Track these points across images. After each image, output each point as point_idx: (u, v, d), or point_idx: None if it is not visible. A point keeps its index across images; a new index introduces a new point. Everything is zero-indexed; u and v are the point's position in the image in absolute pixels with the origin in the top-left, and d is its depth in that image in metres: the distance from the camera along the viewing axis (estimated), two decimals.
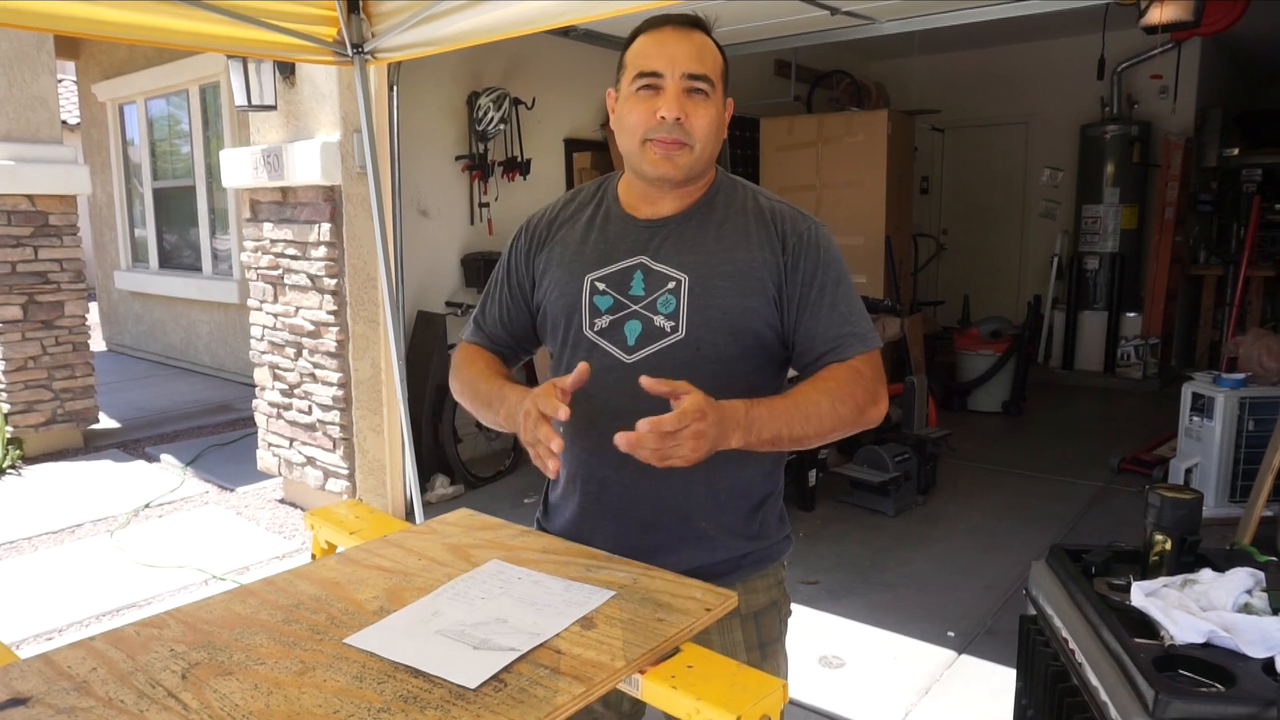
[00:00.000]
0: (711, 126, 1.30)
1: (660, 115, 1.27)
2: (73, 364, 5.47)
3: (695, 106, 1.28)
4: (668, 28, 1.30)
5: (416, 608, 1.15)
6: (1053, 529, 4.07)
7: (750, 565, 1.40)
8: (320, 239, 4.04)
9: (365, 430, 4.14)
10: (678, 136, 1.28)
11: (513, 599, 1.16)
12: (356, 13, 2.84)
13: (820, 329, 1.32)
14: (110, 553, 3.91)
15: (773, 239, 1.33)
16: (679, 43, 1.28)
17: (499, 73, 5.13)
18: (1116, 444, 5.20)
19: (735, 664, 1.06)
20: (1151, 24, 4.51)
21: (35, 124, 5.28)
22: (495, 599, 1.17)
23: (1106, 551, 1.66)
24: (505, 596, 1.17)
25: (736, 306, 1.31)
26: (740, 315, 1.31)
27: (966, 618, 3.21)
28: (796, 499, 4.29)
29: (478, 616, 1.12)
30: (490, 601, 1.16)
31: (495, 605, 1.15)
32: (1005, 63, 7.74)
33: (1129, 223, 7.05)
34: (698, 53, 1.28)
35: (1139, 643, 1.37)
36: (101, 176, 8.47)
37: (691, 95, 1.28)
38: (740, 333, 1.32)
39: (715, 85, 1.30)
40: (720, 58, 1.33)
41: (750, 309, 1.31)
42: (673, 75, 1.27)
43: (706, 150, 1.31)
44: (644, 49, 1.30)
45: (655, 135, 1.28)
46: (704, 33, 1.32)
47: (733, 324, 1.32)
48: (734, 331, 1.32)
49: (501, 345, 1.53)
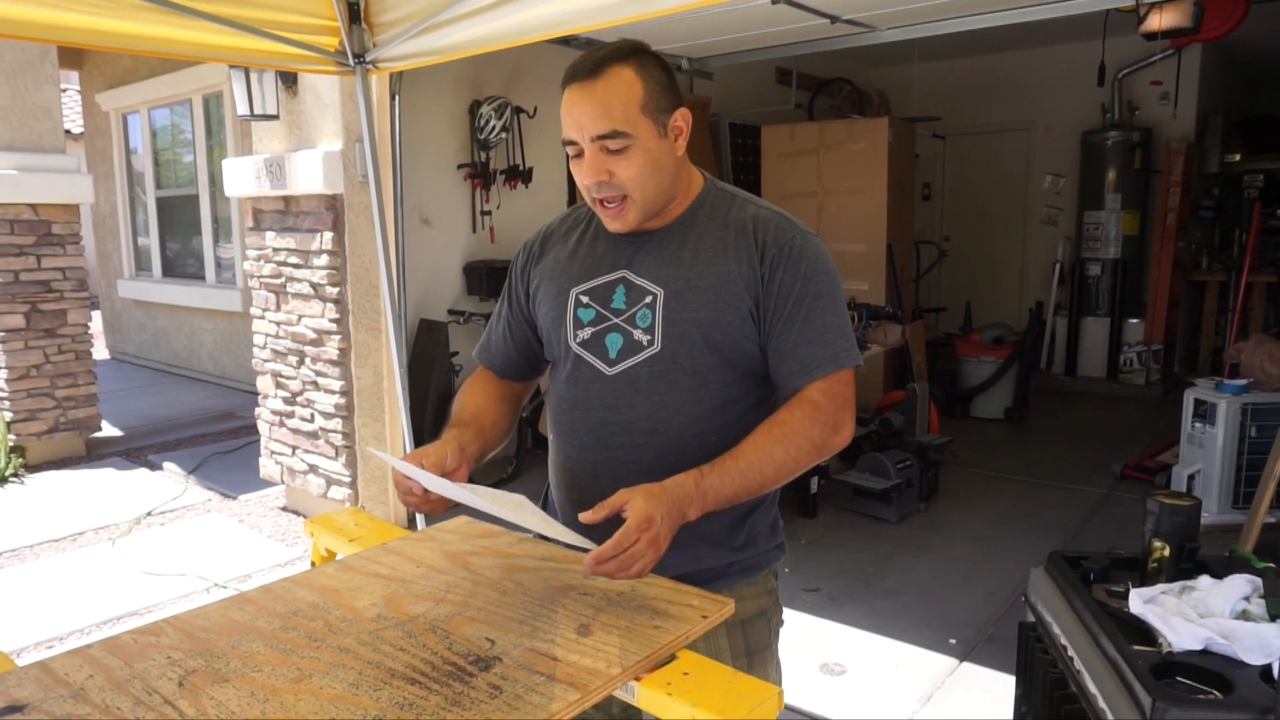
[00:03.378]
0: (642, 171, 1.28)
1: (584, 183, 1.30)
2: (75, 372, 5.48)
3: (616, 162, 1.28)
4: (574, 85, 1.28)
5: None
6: (1055, 536, 4.06)
7: (737, 573, 1.40)
8: (322, 247, 4.05)
9: (367, 438, 4.14)
10: (609, 194, 1.30)
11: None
12: (358, 23, 2.85)
13: (790, 345, 1.31)
14: (112, 561, 3.91)
15: (751, 251, 1.33)
16: (582, 104, 1.27)
17: (501, 81, 5.15)
18: (1119, 451, 5.19)
19: (731, 671, 1.07)
20: (1151, 30, 4.52)
21: (39, 133, 5.30)
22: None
23: (1105, 558, 1.66)
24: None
25: (711, 320, 1.31)
26: (715, 329, 1.31)
27: (968, 625, 3.20)
28: (798, 506, 4.29)
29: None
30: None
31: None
32: (1006, 69, 7.76)
33: (1131, 229, 7.05)
34: (601, 109, 1.25)
35: (1137, 650, 1.36)
36: (105, 185, 8.51)
37: (609, 153, 1.27)
38: (716, 346, 1.32)
39: (633, 129, 1.26)
40: (640, 87, 1.26)
41: (725, 323, 1.31)
42: (585, 140, 1.27)
43: (648, 193, 1.31)
44: (562, 113, 1.30)
45: (594, 195, 1.32)
46: (620, 63, 1.26)
47: (707, 337, 1.32)
48: (709, 345, 1.32)
49: (507, 362, 1.55)
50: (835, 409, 1.30)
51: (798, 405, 1.29)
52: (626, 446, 1.34)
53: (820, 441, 1.28)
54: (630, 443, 1.34)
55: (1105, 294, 7.09)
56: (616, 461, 1.35)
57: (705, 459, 1.24)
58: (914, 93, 8.21)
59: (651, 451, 1.33)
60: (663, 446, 1.33)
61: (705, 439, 1.32)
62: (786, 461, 1.26)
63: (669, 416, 1.33)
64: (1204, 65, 6.97)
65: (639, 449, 1.34)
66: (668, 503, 1.15)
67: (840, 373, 1.31)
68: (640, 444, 1.34)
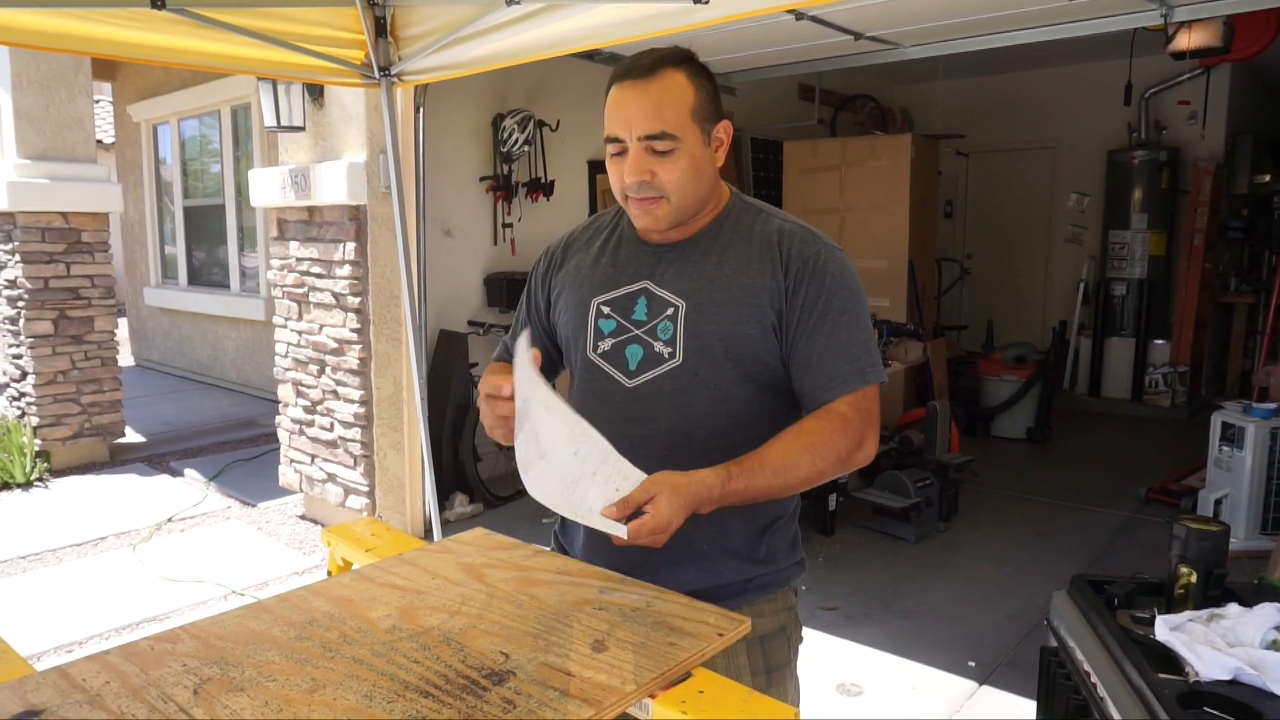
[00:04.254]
0: (684, 176, 1.29)
1: (625, 180, 1.30)
2: (101, 379, 5.55)
3: (660, 163, 1.28)
4: (626, 84, 1.28)
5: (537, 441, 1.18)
6: (1077, 559, 4.00)
7: (757, 589, 1.39)
8: (345, 258, 4.09)
9: (386, 448, 4.16)
10: (648, 195, 1.30)
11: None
12: (384, 36, 2.88)
13: (815, 359, 1.30)
14: (132, 566, 3.95)
15: (775, 264, 1.32)
16: (635, 102, 1.27)
17: (523, 95, 5.19)
18: (1144, 473, 5.11)
19: (746, 690, 1.05)
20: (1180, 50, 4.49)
21: (71, 143, 5.40)
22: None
23: (1130, 583, 1.63)
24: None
25: (733, 333, 1.31)
26: (736, 342, 1.31)
27: (988, 648, 3.15)
28: (816, 523, 4.25)
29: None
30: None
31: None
32: (1031, 88, 7.72)
33: (1157, 249, 6.97)
34: (654, 109, 1.26)
35: (1163, 678, 1.34)
36: (134, 194, 8.64)
37: (654, 154, 1.27)
38: (737, 359, 1.31)
39: (682, 133, 1.27)
40: (691, 93, 1.28)
41: (747, 336, 1.31)
42: (631, 139, 1.27)
43: (685, 197, 1.31)
44: (609, 109, 1.30)
45: (630, 194, 1.31)
46: (674, 68, 1.28)
47: (729, 350, 1.31)
48: (731, 358, 1.31)
49: None
50: (862, 424, 1.29)
51: (825, 417, 1.28)
52: (647, 459, 1.33)
53: (845, 455, 1.27)
54: (651, 455, 1.32)
55: (1130, 314, 7.01)
56: None
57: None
58: (938, 110, 8.19)
59: (672, 465, 1.32)
60: (683, 460, 1.31)
61: (727, 453, 1.31)
62: (811, 472, 1.25)
63: (690, 429, 1.32)
64: (1233, 85, 6.90)
65: (660, 462, 1.32)
66: (687, 500, 1.17)
67: (867, 389, 1.30)
68: (661, 457, 1.32)
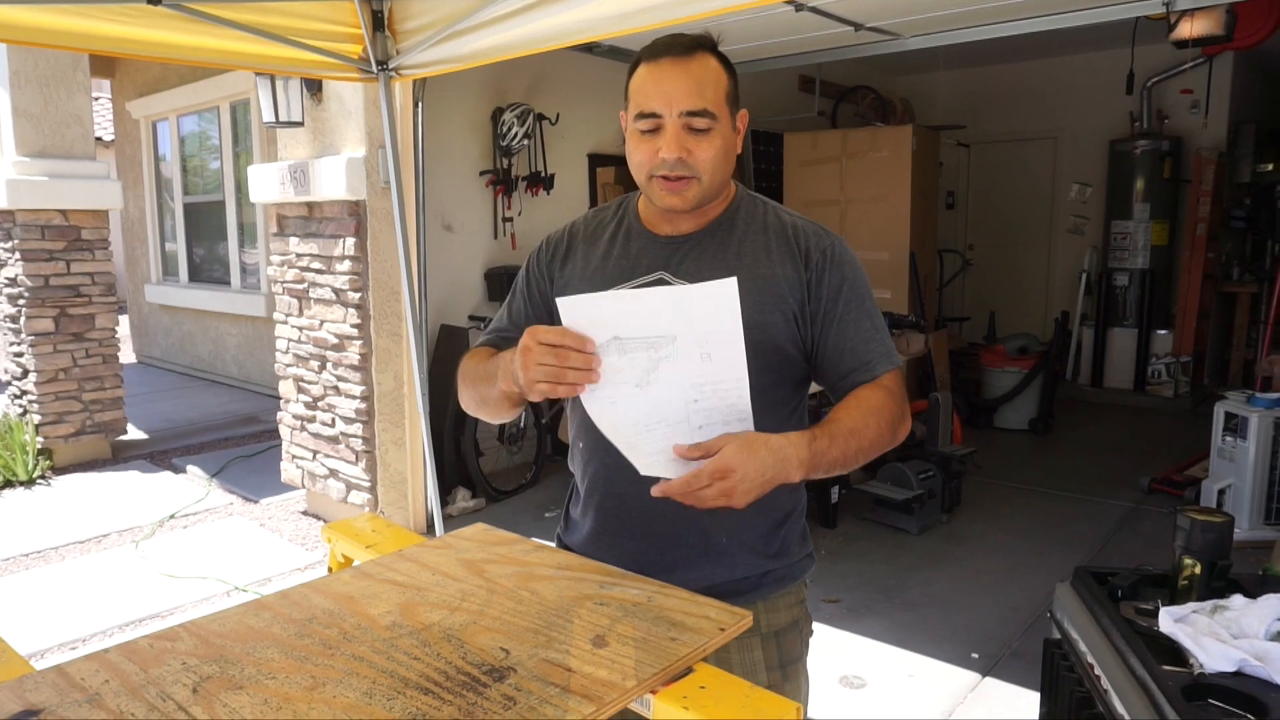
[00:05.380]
0: (718, 156, 1.29)
1: (661, 157, 1.27)
2: (102, 376, 5.55)
3: (697, 142, 1.27)
4: (665, 60, 1.27)
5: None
6: (1080, 550, 3.99)
7: (772, 583, 1.39)
8: (345, 253, 4.08)
9: (387, 443, 4.16)
10: (681, 173, 1.27)
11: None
12: (381, 30, 2.87)
13: (848, 345, 1.31)
14: (135, 563, 3.95)
15: (795, 255, 1.33)
16: (676, 78, 1.26)
17: (523, 88, 5.17)
18: (1147, 464, 5.10)
19: (748, 685, 1.05)
20: (1182, 38, 4.46)
21: (70, 140, 5.39)
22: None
23: (1134, 575, 1.62)
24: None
25: (755, 322, 1.29)
26: (758, 330, 1.30)
27: (991, 639, 3.15)
28: (819, 515, 4.25)
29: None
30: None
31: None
32: (1032, 78, 7.69)
33: (1159, 239, 6.95)
34: (695, 86, 1.26)
35: (1167, 670, 1.33)
36: (134, 191, 8.63)
37: (692, 132, 1.26)
38: (759, 348, 1.30)
39: (719, 114, 1.27)
40: (725, 77, 1.29)
41: (769, 324, 1.30)
42: (671, 115, 1.25)
43: (715, 179, 1.30)
44: (643, 85, 1.28)
45: (660, 172, 1.28)
46: (708, 52, 1.29)
47: (751, 339, 1.29)
48: (753, 347, 1.30)
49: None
50: (903, 399, 1.31)
51: (875, 388, 1.28)
52: None
53: (897, 423, 1.27)
54: None
55: (1133, 304, 7.00)
56: None
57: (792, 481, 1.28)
58: (939, 101, 8.15)
59: None
60: None
61: None
62: (875, 436, 1.24)
63: None
64: (1236, 74, 6.87)
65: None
66: (764, 458, 1.12)
67: (895, 370, 1.32)
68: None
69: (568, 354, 1.13)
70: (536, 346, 1.14)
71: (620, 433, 1.18)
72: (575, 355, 1.13)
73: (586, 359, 1.13)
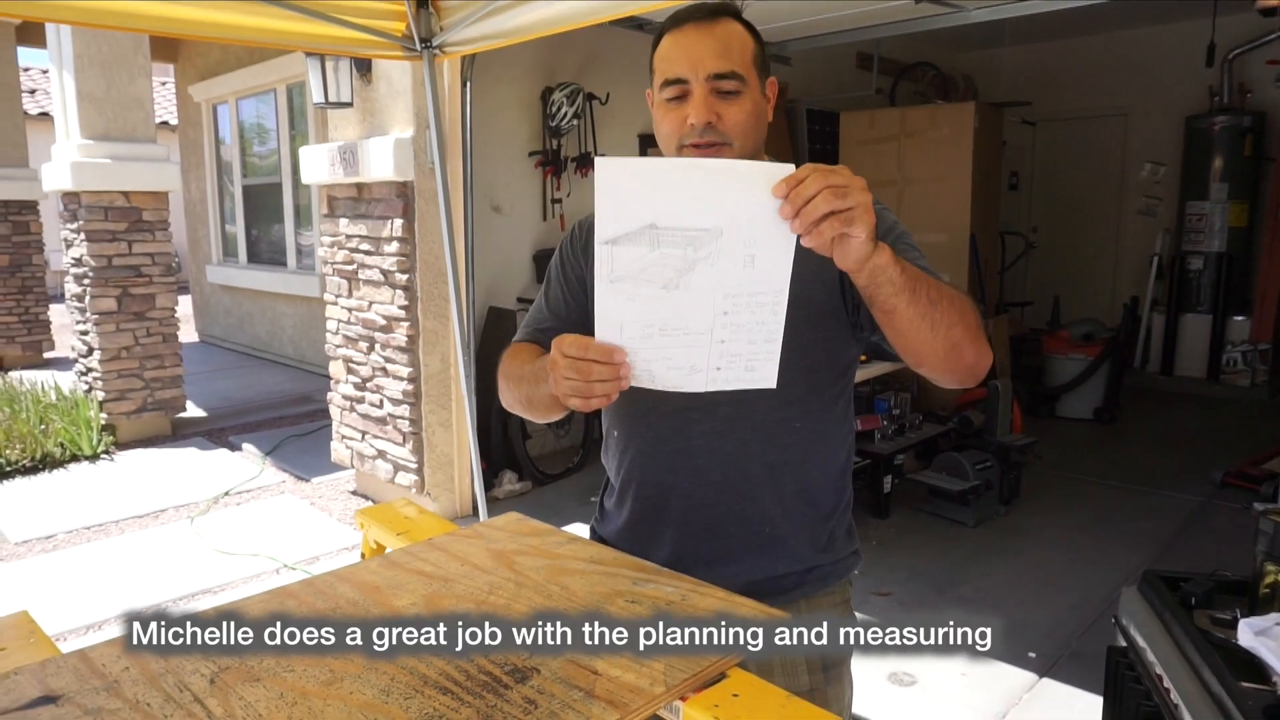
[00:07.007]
0: (748, 120, 1.23)
1: (690, 123, 1.21)
2: (162, 354, 5.68)
3: (726, 106, 1.21)
4: (689, 25, 1.23)
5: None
6: (1146, 547, 3.82)
7: (816, 581, 1.34)
8: (393, 234, 4.08)
9: (434, 425, 4.17)
10: (711, 139, 1.21)
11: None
12: (425, 7, 2.83)
13: None
14: (190, 539, 4.03)
15: None
16: (701, 41, 1.21)
17: (573, 68, 5.11)
18: (1220, 456, 4.86)
19: (784, 695, 0.98)
20: (1269, 6, 4.20)
21: (131, 123, 5.50)
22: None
23: (1209, 581, 1.51)
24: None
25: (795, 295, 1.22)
26: (803, 305, 1.22)
27: (1049, 638, 3.03)
28: (870, 506, 4.15)
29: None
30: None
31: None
32: (1103, 52, 7.36)
33: (1238, 220, 6.61)
34: (722, 48, 1.21)
35: (1246, 687, 1.23)
36: (196, 174, 8.82)
37: (721, 96, 1.21)
38: (798, 325, 1.23)
39: (747, 76, 1.22)
40: (751, 41, 1.25)
41: (811, 299, 1.24)
42: (698, 79, 1.20)
43: (748, 144, 1.25)
44: (668, 52, 1.24)
45: (689, 140, 1.22)
46: (732, 17, 1.25)
47: (791, 317, 1.23)
48: (792, 324, 1.24)
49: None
50: (980, 319, 1.16)
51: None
52: (707, 435, 1.29)
53: (976, 331, 1.12)
54: (711, 430, 1.29)
55: (1208, 289, 6.68)
56: (696, 451, 1.30)
57: (790, 447, 1.25)
58: (1003, 77, 7.87)
59: (734, 440, 1.28)
60: (745, 433, 1.28)
61: (789, 425, 1.28)
62: (957, 310, 1.08)
63: (753, 400, 1.24)
64: None
65: (720, 437, 1.29)
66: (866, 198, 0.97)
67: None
68: (722, 432, 1.28)
69: (591, 367, 1.06)
70: (562, 359, 1.08)
71: (626, 334, 1.05)
72: (599, 368, 1.05)
73: (613, 369, 1.06)
